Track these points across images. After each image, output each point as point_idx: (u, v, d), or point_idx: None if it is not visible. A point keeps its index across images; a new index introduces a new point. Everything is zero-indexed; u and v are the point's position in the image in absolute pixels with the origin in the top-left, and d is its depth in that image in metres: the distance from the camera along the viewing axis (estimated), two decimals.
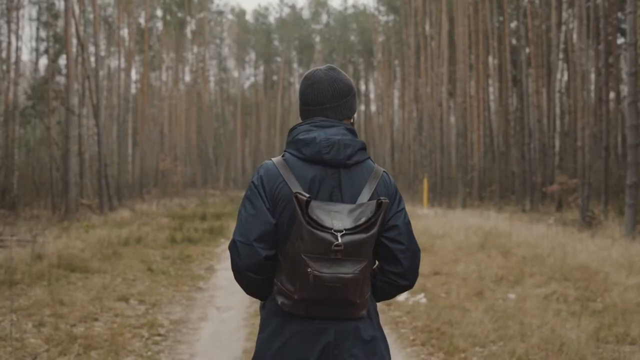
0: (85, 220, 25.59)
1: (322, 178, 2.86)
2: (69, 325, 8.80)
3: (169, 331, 8.85)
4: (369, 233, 2.69)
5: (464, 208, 34.50)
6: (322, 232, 2.64)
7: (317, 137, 2.86)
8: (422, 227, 20.97)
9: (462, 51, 42.69)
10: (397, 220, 2.94)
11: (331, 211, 2.73)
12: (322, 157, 2.84)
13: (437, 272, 12.90)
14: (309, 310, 2.74)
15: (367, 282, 2.78)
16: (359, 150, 2.91)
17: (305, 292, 2.68)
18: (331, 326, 2.78)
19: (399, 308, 10.04)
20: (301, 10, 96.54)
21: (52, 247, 16.07)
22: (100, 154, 32.54)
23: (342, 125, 2.96)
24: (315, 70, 3.05)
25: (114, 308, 10.01)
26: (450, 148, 48.56)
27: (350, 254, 2.65)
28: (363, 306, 2.79)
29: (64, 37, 30.48)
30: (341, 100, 3.00)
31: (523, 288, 10.96)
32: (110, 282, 12.33)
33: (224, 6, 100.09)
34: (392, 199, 2.97)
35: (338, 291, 2.65)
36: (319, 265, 2.62)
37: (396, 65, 73.10)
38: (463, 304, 9.79)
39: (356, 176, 2.90)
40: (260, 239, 2.80)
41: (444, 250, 15.98)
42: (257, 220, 2.82)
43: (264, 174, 2.88)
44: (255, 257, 2.80)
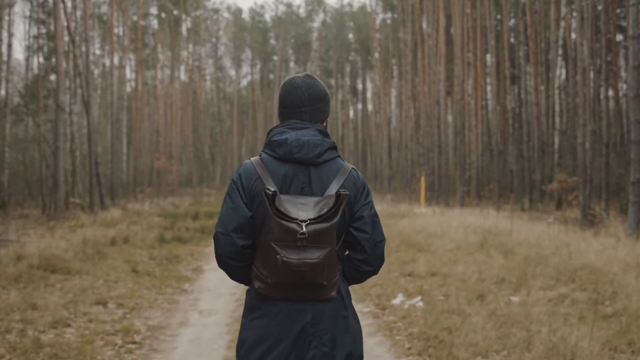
0: (74, 220, 25.00)
1: (293, 175, 3.18)
2: (37, 332, 8.19)
3: (145, 338, 8.21)
4: (330, 222, 3.01)
5: (462, 207, 33.87)
6: (289, 222, 2.97)
7: (288, 138, 3.18)
8: (419, 226, 20.35)
9: (460, 48, 42.11)
10: (364, 211, 3.25)
11: (299, 203, 3.07)
12: (293, 156, 3.16)
13: (434, 273, 12.25)
14: (283, 293, 3.07)
15: (334, 266, 3.07)
16: (328, 149, 3.22)
17: (277, 276, 3.01)
18: (307, 307, 3.10)
19: (394, 312, 9.37)
20: (298, 9, 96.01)
21: (34, 247, 15.47)
22: (90, 152, 31.84)
23: (313, 127, 3.28)
24: (294, 77, 3.38)
25: (89, 312, 9.36)
26: (448, 147, 47.94)
27: (315, 241, 2.97)
28: (332, 288, 3.10)
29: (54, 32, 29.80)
30: (316, 105, 3.33)
31: (527, 291, 10.31)
32: (90, 284, 11.72)
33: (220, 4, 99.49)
34: (360, 192, 3.27)
35: (305, 275, 2.97)
36: (287, 252, 2.95)
37: (393, 63, 72.48)
38: (463, 308, 9.11)
39: (325, 173, 3.21)
40: (237, 229, 3.15)
41: (441, 249, 15.34)
42: (235, 213, 3.16)
43: (242, 172, 3.22)
44: (233, 246, 3.15)
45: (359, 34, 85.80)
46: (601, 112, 29.72)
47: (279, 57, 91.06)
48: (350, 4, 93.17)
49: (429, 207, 31.89)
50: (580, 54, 27.47)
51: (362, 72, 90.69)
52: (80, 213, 28.60)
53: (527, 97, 39.08)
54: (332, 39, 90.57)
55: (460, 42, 42.19)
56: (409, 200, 42.40)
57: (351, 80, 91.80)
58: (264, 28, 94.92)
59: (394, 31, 69.36)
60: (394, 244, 17.09)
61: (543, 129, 38.49)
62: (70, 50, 35.69)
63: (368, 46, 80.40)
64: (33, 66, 44.07)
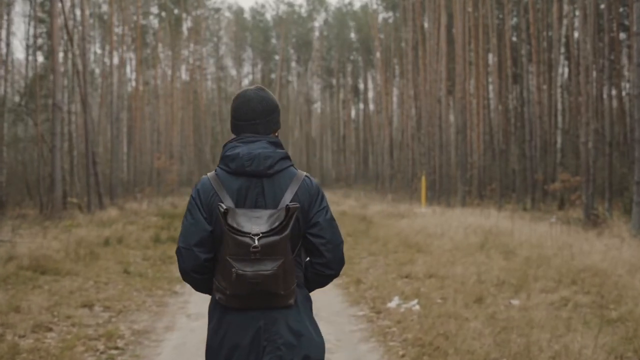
0: (70, 219, 24.69)
1: (247, 188, 3.27)
2: (17, 337, 7.87)
3: (128, 343, 7.87)
4: (282, 235, 3.10)
5: (464, 207, 33.49)
6: (242, 236, 3.07)
7: (240, 153, 3.27)
8: (419, 226, 19.99)
9: (461, 47, 41.75)
10: (319, 217, 3.33)
11: (253, 217, 3.15)
12: (245, 170, 3.25)
13: (432, 274, 11.88)
14: (241, 303, 3.17)
15: (290, 275, 3.16)
16: (279, 160, 3.31)
17: (234, 289, 3.11)
18: (260, 314, 3.20)
19: (389, 317, 8.99)
20: (299, 8, 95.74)
21: (25, 247, 15.16)
22: (87, 151, 31.49)
23: (265, 139, 3.35)
24: (247, 90, 3.45)
25: (73, 316, 9.04)
26: (450, 146, 47.64)
27: (267, 253, 3.06)
28: (290, 296, 3.19)
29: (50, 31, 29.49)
30: (269, 116, 3.42)
31: (528, 293, 9.96)
32: (79, 286, 11.43)
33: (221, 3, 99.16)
34: (314, 199, 3.35)
35: (260, 286, 3.07)
36: (242, 265, 3.06)
37: (395, 63, 72.13)
38: (461, 311, 8.75)
39: (278, 183, 3.29)
40: (199, 244, 3.25)
41: (440, 250, 14.98)
42: (195, 228, 3.26)
43: (200, 188, 3.32)
44: (195, 260, 3.25)
45: (361, 34, 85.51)
46: (604, 110, 29.42)
47: (280, 56, 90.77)
48: (351, 4, 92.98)
49: (430, 207, 31.52)
50: (583, 52, 27.16)
51: (363, 71, 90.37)
52: (77, 213, 28.28)
53: (530, 96, 38.72)
54: (333, 38, 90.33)
55: (461, 41, 41.83)
56: (410, 200, 42.06)
57: (353, 80, 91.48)
58: (265, 27, 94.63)
59: (396, 30, 69.01)
60: (391, 244, 16.79)
61: (545, 128, 38.17)
62: (69, 49, 35.40)
63: (369, 45, 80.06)
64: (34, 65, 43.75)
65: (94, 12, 60.73)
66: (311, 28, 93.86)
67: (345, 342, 7.93)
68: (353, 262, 14.45)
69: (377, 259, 14.89)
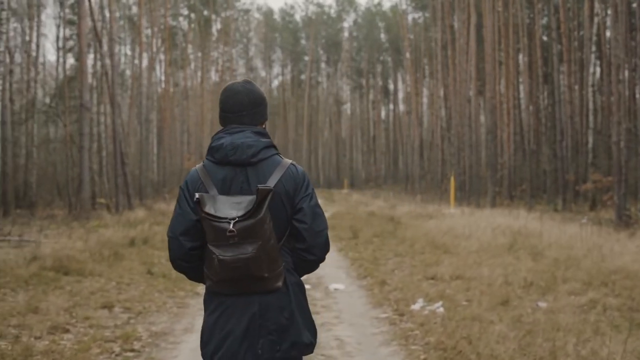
0: (98, 220, 24.72)
1: (232, 176, 3.35)
2: (33, 338, 7.76)
3: (145, 345, 7.73)
4: (256, 218, 3.15)
5: (493, 207, 33.11)
6: (218, 222, 3.15)
7: (224, 143, 3.36)
8: (446, 227, 19.71)
9: (491, 47, 41.36)
10: (303, 203, 3.41)
11: (234, 203, 3.22)
12: (228, 159, 3.34)
13: (458, 276, 11.63)
14: (229, 288, 3.26)
15: (273, 259, 3.23)
16: (263, 148, 3.38)
17: (219, 275, 3.20)
18: (254, 299, 3.27)
19: (412, 319, 8.75)
20: (329, 9, 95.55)
21: (49, 248, 15.13)
22: (116, 152, 31.54)
23: (250, 129, 3.44)
24: (234, 83, 3.55)
25: (91, 317, 8.93)
26: (480, 146, 47.23)
27: (245, 237, 3.14)
28: (276, 279, 3.27)
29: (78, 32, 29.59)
30: (256, 109, 3.50)
31: (555, 295, 9.71)
32: (101, 287, 11.36)
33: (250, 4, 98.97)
34: (300, 185, 3.42)
35: (242, 269, 3.15)
36: (222, 251, 3.15)
37: (425, 63, 71.66)
38: (486, 314, 8.52)
39: (262, 171, 3.37)
40: (184, 233, 3.35)
41: (467, 251, 14.70)
42: (182, 218, 3.37)
43: (188, 180, 3.43)
44: (181, 249, 3.36)
45: (390, 34, 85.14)
46: (636, 110, 28.99)
47: (310, 57, 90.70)
48: (380, 4, 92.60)
49: (459, 208, 31.19)
50: (614, 51, 26.71)
51: (393, 72, 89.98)
52: (105, 213, 28.32)
53: (561, 96, 38.23)
54: (362, 38, 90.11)
55: (491, 40, 41.46)
56: (440, 200, 41.69)
57: (382, 80, 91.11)
58: (294, 28, 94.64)
59: (425, 30, 68.62)
60: (418, 245, 16.54)
61: (577, 128, 37.67)
62: (97, 50, 35.51)
63: (399, 46, 79.64)
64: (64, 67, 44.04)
65: (123, 14, 61.06)
66: (340, 29, 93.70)
67: (366, 346, 7.73)
68: (379, 263, 14.26)
69: (404, 260, 14.66)
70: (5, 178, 29.16)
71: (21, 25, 45.80)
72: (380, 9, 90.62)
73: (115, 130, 31.52)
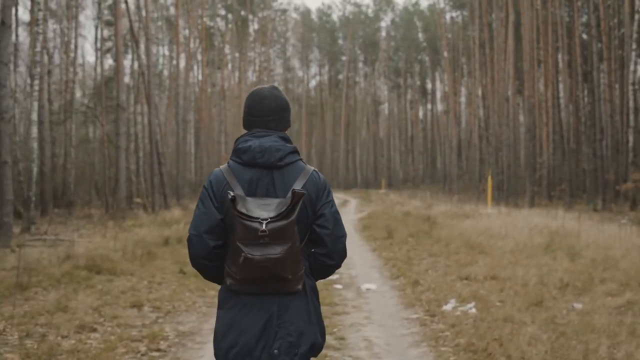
0: (134, 219, 24.82)
1: (258, 178, 3.41)
2: (59, 337, 7.71)
3: (171, 345, 7.65)
4: (288, 219, 3.22)
5: (532, 207, 32.71)
6: (250, 221, 3.20)
7: (252, 145, 3.42)
8: (482, 226, 19.42)
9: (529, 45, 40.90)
10: (325, 209, 3.48)
11: (262, 204, 3.27)
12: (256, 161, 3.40)
13: (493, 276, 11.40)
14: (250, 287, 3.29)
15: (297, 261, 3.30)
16: (289, 153, 3.45)
17: (244, 272, 3.23)
18: (273, 300, 3.32)
19: (443, 320, 8.56)
20: (366, 8, 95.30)
21: (83, 247, 15.18)
22: (152, 151, 31.67)
23: (275, 134, 3.51)
24: (262, 88, 3.62)
25: (120, 316, 8.88)
26: (518, 146, 46.76)
27: (275, 237, 3.19)
28: (297, 281, 3.32)
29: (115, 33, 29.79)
30: (282, 114, 3.59)
31: (591, 297, 9.47)
32: (133, 286, 11.35)
33: (288, 4, 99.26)
34: (321, 192, 3.49)
35: (269, 269, 3.20)
36: (250, 249, 3.18)
37: (463, 62, 71.16)
38: (519, 315, 8.31)
39: (287, 175, 3.43)
40: (208, 231, 3.38)
41: (503, 251, 14.44)
42: (206, 216, 3.39)
43: (213, 179, 3.46)
44: (205, 247, 3.38)
45: (428, 33, 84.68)
46: None
47: (347, 57, 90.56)
48: (418, 3, 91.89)
49: (496, 208, 30.84)
50: None
51: (431, 71, 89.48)
52: (142, 213, 28.45)
53: (601, 94, 37.65)
54: (400, 38, 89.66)
55: (529, 39, 40.99)
56: (477, 200, 41.31)
57: (420, 80, 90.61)
58: (332, 28, 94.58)
59: (464, 29, 68.15)
60: (453, 245, 16.32)
61: (617, 126, 37.07)
62: (134, 50, 35.71)
63: (437, 45, 79.15)
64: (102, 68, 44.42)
65: (161, 14, 61.45)
66: (378, 28, 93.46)
67: (394, 347, 7.57)
68: (412, 264, 14.08)
69: (438, 260, 14.44)
70: (43, 178, 29.39)
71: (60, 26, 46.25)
72: (418, 8, 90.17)
73: (152, 130, 31.65)
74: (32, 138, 24.87)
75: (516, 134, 46.38)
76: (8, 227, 16.83)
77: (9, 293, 10.06)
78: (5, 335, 7.77)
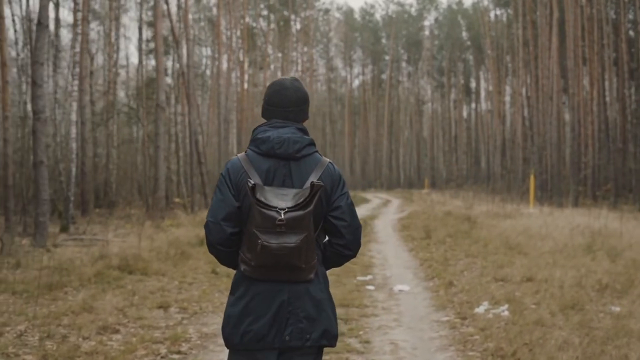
0: (172, 219, 24.84)
1: (275, 169, 3.45)
2: (81, 338, 7.62)
3: (193, 347, 7.50)
4: (306, 210, 3.27)
5: (576, 207, 32.11)
6: (269, 210, 3.24)
7: (270, 136, 3.46)
8: (523, 226, 19.03)
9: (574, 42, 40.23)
10: (341, 201, 3.52)
11: (280, 194, 3.34)
12: (275, 152, 3.43)
13: (530, 277, 11.06)
14: (265, 274, 3.33)
15: (311, 250, 3.34)
16: (306, 145, 3.50)
17: (260, 260, 3.27)
18: (285, 287, 3.37)
19: (474, 323, 8.28)
20: (409, 7, 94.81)
21: (117, 247, 15.17)
22: (192, 151, 31.72)
23: (294, 125, 3.56)
24: (284, 79, 3.67)
25: (145, 317, 8.77)
26: (563, 144, 46.00)
27: (292, 227, 3.24)
28: (310, 270, 3.37)
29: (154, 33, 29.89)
30: (302, 106, 3.63)
31: (630, 299, 9.13)
32: (163, 286, 11.29)
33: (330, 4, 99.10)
34: (336, 184, 3.53)
35: (284, 257, 3.25)
36: (267, 237, 3.23)
37: (507, 61, 70.32)
38: (552, 318, 8.02)
39: (304, 166, 3.48)
40: (226, 218, 3.41)
41: (541, 252, 14.08)
42: (224, 204, 3.43)
43: (230, 167, 3.51)
44: (222, 233, 3.42)
45: (471, 32, 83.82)
46: None
47: (390, 56, 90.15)
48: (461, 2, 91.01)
49: (539, 207, 30.32)
50: None
51: (475, 70, 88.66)
52: (181, 212, 28.46)
53: None
54: (444, 37, 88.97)
55: (574, 36, 40.33)
56: (520, 200, 40.69)
57: (464, 79, 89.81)
58: (374, 27, 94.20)
59: (508, 27, 67.31)
60: (492, 246, 15.97)
61: None
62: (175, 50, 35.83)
63: (480, 44, 78.32)
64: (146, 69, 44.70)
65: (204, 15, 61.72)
66: (421, 27, 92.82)
67: (421, 351, 7.32)
68: (448, 264, 13.79)
69: (475, 260, 14.12)
70: (83, 178, 29.52)
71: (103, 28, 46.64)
72: (462, 6, 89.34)
73: (192, 130, 31.67)
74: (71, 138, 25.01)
75: (561, 132, 45.62)
76: (44, 226, 16.88)
77: (38, 293, 10.01)
78: (26, 336, 7.69)
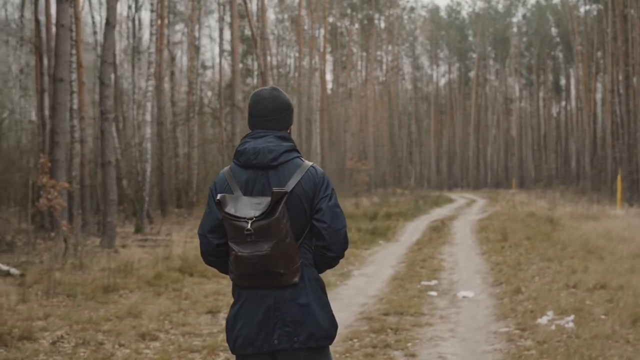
0: None
1: (254, 179, 3.56)
2: (117, 346, 7.37)
3: (230, 357, 7.13)
4: (271, 218, 3.36)
5: None
6: (237, 221, 3.38)
7: (247, 148, 3.60)
8: (605, 229, 18.13)
9: None
10: (322, 204, 3.57)
11: (254, 203, 3.44)
12: (251, 163, 3.56)
13: (603, 285, 10.31)
14: (248, 282, 3.50)
15: (289, 256, 3.44)
16: (283, 152, 3.59)
17: (237, 269, 3.45)
18: (271, 293, 3.49)
19: (533, 335, 7.63)
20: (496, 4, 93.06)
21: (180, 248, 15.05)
22: None
23: (272, 134, 3.66)
24: (262, 90, 3.77)
25: (189, 323, 8.48)
26: None
27: (261, 235, 3.35)
28: (292, 275, 3.47)
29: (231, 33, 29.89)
30: (281, 114, 3.73)
31: None
32: (219, 290, 11.13)
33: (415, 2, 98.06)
34: (319, 187, 3.59)
35: (258, 265, 3.39)
36: (240, 247, 3.38)
37: (598, 57, 68.27)
38: (622, 331, 7.38)
39: (282, 173, 3.56)
40: (212, 230, 3.60)
41: (621, 256, 13.24)
42: (210, 217, 3.61)
43: (217, 181, 3.67)
44: (209, 245, 3.62)
45: (560, 28, 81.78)
46: None
47: (477, 54, 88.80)
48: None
49: (627, 209, 29.09)
50: None
51: (564, 67, 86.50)
52: None
53: None
54: (532, 34, 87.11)
55: None
56: (608, 201, 39.29)
57: (553, 77, 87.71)
58: (461, 25, 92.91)
59: (599, 22, 65.36)
60: (571, 249, 15.14)
61: None
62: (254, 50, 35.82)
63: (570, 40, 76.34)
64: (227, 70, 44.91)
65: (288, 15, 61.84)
66: (509, 24, 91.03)
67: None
68: (520, 269, 13.08)
69: (550, 265, 13.34)
70: (162, 178, 29.69)
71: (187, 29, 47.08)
72: (551, 1, 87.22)
73: None
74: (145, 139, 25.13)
75: None
76: (112, 227, 16.87)
77: (87, 296, 9.84)
78: (62, 342, 7.47)
